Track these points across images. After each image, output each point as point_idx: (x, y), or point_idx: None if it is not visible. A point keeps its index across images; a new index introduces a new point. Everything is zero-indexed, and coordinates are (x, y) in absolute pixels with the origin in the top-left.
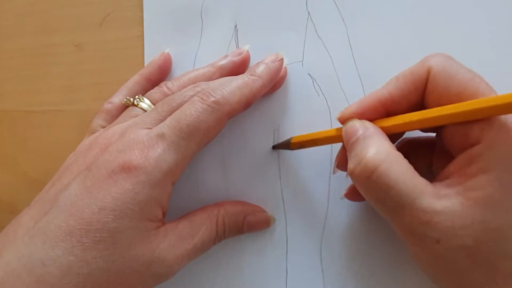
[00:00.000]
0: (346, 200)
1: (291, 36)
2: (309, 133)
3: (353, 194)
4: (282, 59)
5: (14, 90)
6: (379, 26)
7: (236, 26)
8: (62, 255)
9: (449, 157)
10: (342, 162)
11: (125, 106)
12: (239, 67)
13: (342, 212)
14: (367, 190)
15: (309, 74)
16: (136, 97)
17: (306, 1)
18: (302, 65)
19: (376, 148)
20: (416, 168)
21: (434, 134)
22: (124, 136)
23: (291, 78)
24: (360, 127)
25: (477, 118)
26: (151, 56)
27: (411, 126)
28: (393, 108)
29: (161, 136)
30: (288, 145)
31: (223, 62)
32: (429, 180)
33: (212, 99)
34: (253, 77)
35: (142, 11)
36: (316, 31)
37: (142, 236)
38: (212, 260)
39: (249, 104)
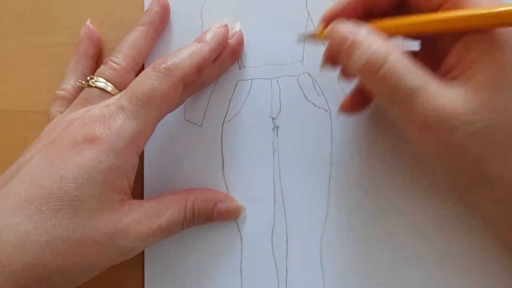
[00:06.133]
0: (345, 199)
1: (291, 36)
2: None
3: (350, 103)
4: (226, 25)
5: (14, 90)
6: None
7: None
8: (20, 223)
9: (435, 61)
10: (330, 59)
11: (79, 90)
12: (164, 17)
13: (342, 211)
14: (379, 82)
15: (309, 74)
16: (88, 78)
17: (306, 1)
18: (302, 65)
19: (380, 41)
20: None
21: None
22: (87, 113)
23: (291, 78)
24: (356, 28)
25: (485, 28)
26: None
27: (405, 29)
28: (373, 8)
29: (120, 107)
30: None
31: (147, 17)
32: None
33: (164, 65)
34: (201, 43)
35: (142, 11)
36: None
37: (105, 206)
38: (210, 258)
39: (200, 68)
